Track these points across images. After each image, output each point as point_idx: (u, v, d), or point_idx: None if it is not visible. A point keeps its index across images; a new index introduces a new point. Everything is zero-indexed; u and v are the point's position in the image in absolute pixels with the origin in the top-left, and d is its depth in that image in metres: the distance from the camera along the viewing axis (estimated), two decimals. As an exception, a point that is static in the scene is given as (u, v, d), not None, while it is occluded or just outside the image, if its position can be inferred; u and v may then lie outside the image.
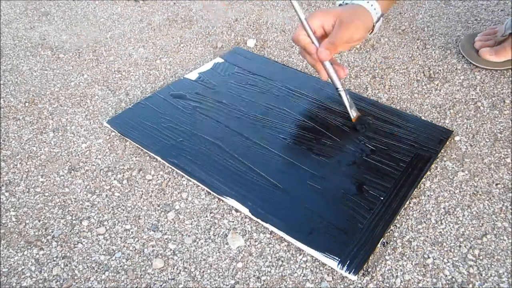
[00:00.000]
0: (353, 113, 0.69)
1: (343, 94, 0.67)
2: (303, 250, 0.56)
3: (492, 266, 0.54)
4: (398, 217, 0.60)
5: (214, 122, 0.74)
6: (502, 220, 0.59)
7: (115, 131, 0.74)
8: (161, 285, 0.53)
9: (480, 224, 0.59)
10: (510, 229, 0.58)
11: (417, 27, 1.00)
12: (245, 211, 0.60)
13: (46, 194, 0.65)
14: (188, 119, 0.75)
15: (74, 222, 0.61)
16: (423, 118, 0.75)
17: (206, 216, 0.61)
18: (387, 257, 0.55)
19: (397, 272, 0.54)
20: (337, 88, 0.67)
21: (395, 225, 0.59)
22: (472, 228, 0.58)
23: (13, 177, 0.68)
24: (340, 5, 0.66)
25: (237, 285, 0.53)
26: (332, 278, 0.53)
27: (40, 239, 0.59)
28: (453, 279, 0.53)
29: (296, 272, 0.54)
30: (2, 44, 0.99)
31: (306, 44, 0.63)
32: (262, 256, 0.56)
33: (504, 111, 0.76)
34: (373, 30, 0.64)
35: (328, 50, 0.61)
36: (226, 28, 1.03)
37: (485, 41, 0.87)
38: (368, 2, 0.62)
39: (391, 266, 0.54)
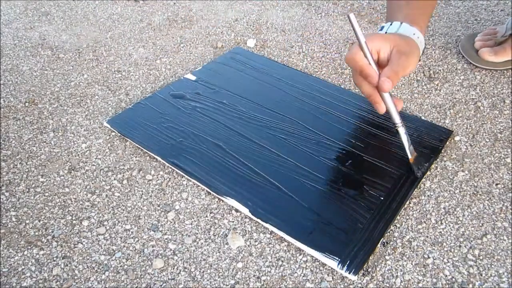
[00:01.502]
0: (410, 153, 0.63)
1: (401, 131, 0.60)
2: (303, 250, 0.56)
3: (492, 266, 0.54)
4: (398, 217, 0.60)
5: (214, 122, 0.74)
6: (502, 220, 0.59)
7: (115, 131, 0.74)
8: (161, 285, 0.53)
9: (480, 224, 0.59)
10: (510, 229, 0.58)
11: (417, 27, 1.00)
12: (245, 211, 0.60)
13: (46, 194, 0.65)
14: (188, 119, 0.75)
15: (74, 222, 0.61)
16: (423, 118, 0.75)
17: (206, 216, 0.61)
18: (387, 257, 0.55)
19: (397, 272, 0.54)
20: (395, 124, 0.60)
21: (395, 225, 0.59)
22: (472, 228, 0.58)
23: (13, 177, 0.68)
24: (381, 28, 0.62)
25: (237, 285, 0.53)
26: (332, 278, 0.53)
27: (40, 239, 0.59)
28: (453, 279, 0.53)
29: (296, 272, 0.54)
30: (2, 44, 0.99)
31: (365, 66, 0.55)
32: (262, 256, 0.56)
33: (504, 111, 0.76)
34: (419, 61, 0.61)
35: (391, 79, 0.54)
36: (226, 28, 1.03)
37: (485, 41, 0.87)
38: (414, 34, 0.58)
39: (391, 266, 0.54)
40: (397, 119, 0.59)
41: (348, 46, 0.95)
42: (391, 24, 0.60)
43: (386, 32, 0.60)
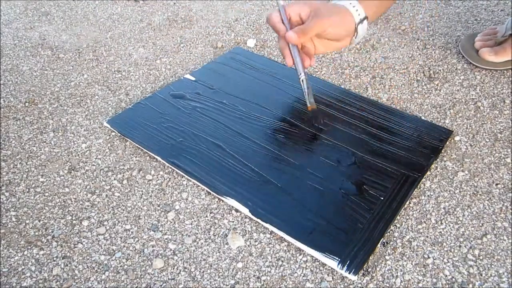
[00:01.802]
0: (310, 103, 0.66)
1: (303, 80, 0.65)
2: (303, 250, 0.56)
3: (492, 266, 0.54)
4: (398, 217, 0.60)
5: (214, 122, 0.74)
6: (502, 220, 0.59)
7: (115, 131, 0.74)
8: (161, 285, 0.53)
9: (480, 224, 0.59)
10: (510, 229, 0.58)
11: (417, 27, 1.00)
12: (245, 211, 0.60)
13: (46, 194, 0.65)
14: (188, 119, 0.75)
15: (74, 222, 0.61)
16: (423, 118, 0.75)
17: (206, 216, 0.61)
18: (387, 257, 0.55)
19: (397, 272, 0.54)
20: (299, 74, 0.64)
21: (395, 225, 0.59)
22: (472, 228, 0.58)
23: (13, 177, 0.68)
24: None
25: (237, 285, 0.53)
26: (332, 278, 0.53)
27: (40, 239, 0.59)
28: (453, 279, 0.53)
29: (296, 272, 0.54)
30: (2, 44, 0.99)
31: (276, 23, 0.63)
32: (262, 256, 0.56)
33: (504, 111, 0.76)
34: (356, 33, 0.63)
35: (296, 34, 0.60)
36: (226, 28, 1.03)
37: (485, 41, 0.87)
38: (350, 3, 0.62)
39: (391, 266, 0.54)
40: (300, 70, 0.64)
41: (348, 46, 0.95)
42: None
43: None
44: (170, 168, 0.67)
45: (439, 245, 0.56)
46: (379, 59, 0.90)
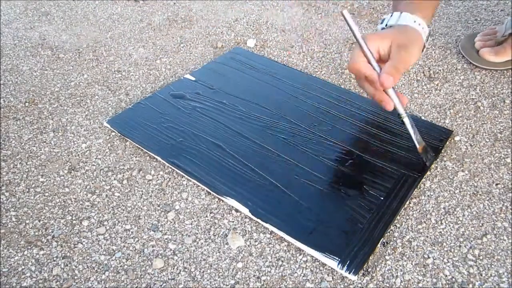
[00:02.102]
0: (418, 143, 0.62)
1: (407, 121, 0.60)
2: (303, 250, 0.56)
3: (492, 266, 0.54)
4: (398, 217, 0.60)
5: (214, 122, 0.74)
6: (502, 220, 0.59)
7: (115, 131, 0.74)
8: (161, 285, 0.53)
9: (480, 224, 0.59)
10: (510, 229, 0.58)
11: (417, 27, 1.00)
12: (245, 211, 0.60)
13: (46, 194, 0.65)
14: (188, 119, 0.75)
15: (74, 222, 0.61)
16: (423, 118, 0.75)
17: (206, 216, 0.61)
18: (387, 257, 0.55)
19: (397, 272, 0.54)
20: (399, 115, 0.59)
21: (395, 225, 0.59)
22: (472, 228, 0.58)
23: (13, 177, 0.68)
24: (383, 28, 0.60)
25: (237, 285, 0.53)
26: (332, 278, 0.53)
27: (40, 239, 0.59)
28: (453, 279, 0.53)
29: (296, 272, 0.54)
30: (2, 44, 0.99)
31: (369, 72, 0.55)
32: (262, 256, 0.56)
33: (504, 111, 0.76)
34: (423, 50, 0.59)
35: (392, 76, 0.54)
36: (226, 28, 1.03)
37: (485, 41, 0.87)
38: (415, 21, 0.57)
39: (391, 266, 0.54)
40: (401, 110, 0.59)
41: (348, 46, 0.95)
42: (391, 16, 0.60)
43: (386, 24, 0.60)
44: (170, 168, 0.67)
45: (439, 245, 0.56)
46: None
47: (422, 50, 0.59)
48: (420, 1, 0.61)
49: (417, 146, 0.62)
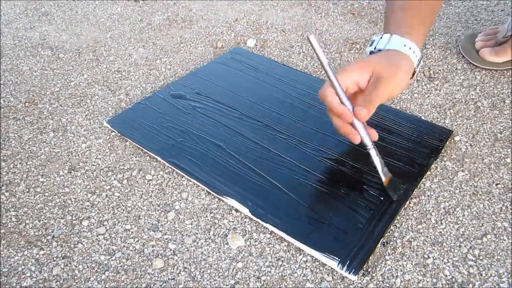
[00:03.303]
0: (384, 176, 0.60)
1: (373, 153, 0.58)
2: (303, 250, 0.56)
3: (492, 266, 0.54)
4: (398, 217, 0.60)
5: (214, 122, 0.74)
6: (502, 220, 0.59)
7: (115, 131, 0.74)
8: (161, 285, 0.53)
9: (480, 224, 0.59)
10: (510, 229, 0.58)
11: (417, 27, 1.00)
12: (245, 211, 0.60)
13: (46, 194, 0.65)
14: (188, 119, 0.75)
15: (74, 222, 0.61)
16: (423, 118, 0.75)
17: (206, 216, 0.61)
18: (387, 257, 0.55)
19: (397, 272, 0.54)
20: (366, 146, 0.58)
21: (395, 225, 0.59)
22: (472, 228, 0.58)
23: (13, 177, 0.68)
24: (371, 52, 0.58)
25: (237, 285, 0.53)
26: (332, 278, 0.53)
27: (40, 239, 0.59)
28: (453, 279, 0.53)
29: (296, 272, 0.54)
30: (2, 44, 0.99)
31: (334, 106, 0.53)
32: (262, 256, 0.56)
33: (504, 111, 0.76)
34: (413, 76, 0.56)
35: (367, 110, 0.52)
36: (226, 28, 1.03)
37: (486, 42, 0.87)
38: (405, 45, 0.54)
39: (391, 266, 0.54)
40: (368, 142, 0.57)
41: (348, 46, 0.95)
42: (381, 38, 0.57)
43: (375, 48, 0.57)
44: (170, 168, 0.67)
45: (439, 245, 0.56)
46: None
47: (412, 76, 0.56)
48: (413, 20, 0.58)
49: (383, 179, 0.60)
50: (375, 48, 0.57)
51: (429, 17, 0.62)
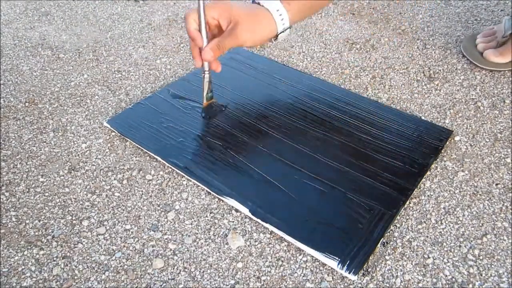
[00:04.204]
0: (206, 99, 0.72)
1: (206, 77, 0.68)
2: (303, 250, 0.56)
3: (492, 266, 0.54)
4: (398, 217, 0.60)
5: (214, 122, 0.74)
6: (502, 220, 0.59)
7: (115, 131, 0.74)
8: (161, 285, 0.53)
9: (480, 224, 0.59)
10: (510, 229, 0.58)
11: (417, 27, 1.00)
12: (245, 211, 0.60)
13: (46, 194, 0.65)
14: (188, 119, 0.75)
15: (74, 222, 0.61)
16: (423, 118, 0.75)
17: (206, 216, 0.61)
18: (387, 257, 0.55)
19: (397, 272, 0.54)
20: (204, 71, 0.67)
21: (395, 225, 0.59)
22: (472, 228, 0.58)
23: (13, 177, 0.68)
24: (253, 2, 0.61)
25: (237, 285, 0.53)
26: (332, 278, 0.53)
27: (40, 239, 0.59)
28: (453, 279, 0.53)
29: (296, 272, 0.54)
30: (2, 44, 0.99)
31: (192, 31, 0.60)
32: (262, 256, 0.56)
33: (504, 111, 0.76)
34: (276, 39, 0.61)
35: (213, 52, 0.59)
36: (226, 28, 1.03)
37: (487, 43, 0.87)
38: (278, 10, 0.58)
39: (391, 266, 0.54)
40: (206, 68, 0.66)
41: (348, 46, 0.95)
42: None
43: (254, 1, 0.60)
44: (170, 168, 0.67)
45: (439, 245, 0.56)
46: (379, 59, 0.90)
47: (275, 39, 0.60)
48: None
49: (204, 101, 0.72)
50: (254, 1, 0.61)
51: (313, 3, 0.64)
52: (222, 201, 0.62)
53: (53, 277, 0.55)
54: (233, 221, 0.60)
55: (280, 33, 0.60)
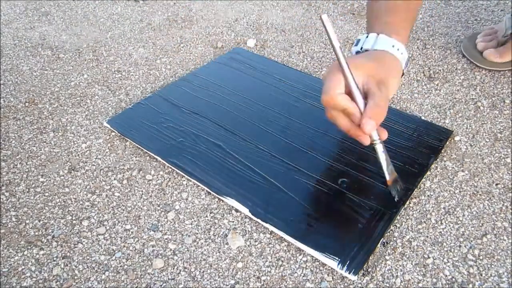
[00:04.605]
0: (389, 175, 0.56)
1: (379, 148, 0.54)
2: (303, 250, 0.56)
3: (492, 266, 0.54)
4: (398, 217, 0.60)
5: (214, 122, 0.74)
6: (502, 220, 0.59)
7: (115, 131, 0.74)
8: (161, 285, 0.53)
9: (480, 224, 0.59)
10: (510, 229, 0.58)
11: (417, 27, 1.00)
12: (245, 211, 0.60)
13: (46, 194, 0.65)
14: (188, 119, 0.75)
15: (74, 222, 0.61)
16: (423, 118, 0.75)
17: (206, 216, 0.61)
18: (387, 257, 0.55)
19: (397, 272, 0.54)
20: (373, 140, 0.53)
21: (395, 225, 0.59)
22: (472, 228, 0.58)
23: (13, 177, 0.68)
24: (357, 52, 0.56)
25: (237, 285, 0.53)
26: (332, 278, 0.53)
27: (40, 239, 0.59)
28: (453, 279, 0.53)
29: (296, 272, 0.54)
30: (2, 44, 0.99)
31: (349, 107, 0.49)
32: (262, 256, 0.56)
33: (504, 111, 0.76)
34: (403, 74, 0.55)
35: (374, 120, 0.48)
36: (226, 28, 1.03)
37: (487, 42, 0.86)
38: (393, 46, 0.52)
39: (391, 266, 0.54)
40: (375, 136, 0.53)
41: (348, 46, 0.95)
42: (367, 37, 0.55)
43: (361, 48, 0.55)
44: (170, 168, 0.67)
45: (439, 245, 0.56)
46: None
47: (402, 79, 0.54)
48: (398, 18, 0.56)
49: (387, 177, 0.57)
50: (361, 48, 0.55)
51: (413, 17, 0.60)
52: (222, 201, 0.62)
53: (53, 277, 0.55)
54: (233, 221, 0.60)
55: (404, 68, 0.55)
